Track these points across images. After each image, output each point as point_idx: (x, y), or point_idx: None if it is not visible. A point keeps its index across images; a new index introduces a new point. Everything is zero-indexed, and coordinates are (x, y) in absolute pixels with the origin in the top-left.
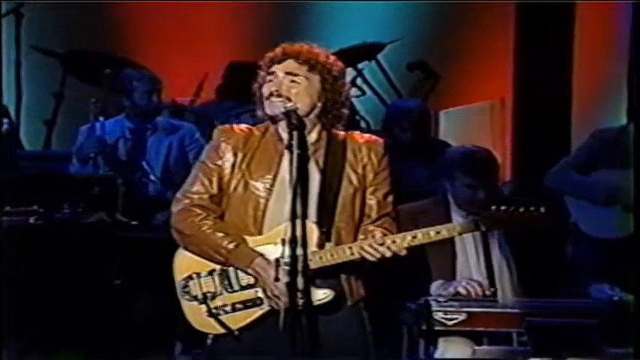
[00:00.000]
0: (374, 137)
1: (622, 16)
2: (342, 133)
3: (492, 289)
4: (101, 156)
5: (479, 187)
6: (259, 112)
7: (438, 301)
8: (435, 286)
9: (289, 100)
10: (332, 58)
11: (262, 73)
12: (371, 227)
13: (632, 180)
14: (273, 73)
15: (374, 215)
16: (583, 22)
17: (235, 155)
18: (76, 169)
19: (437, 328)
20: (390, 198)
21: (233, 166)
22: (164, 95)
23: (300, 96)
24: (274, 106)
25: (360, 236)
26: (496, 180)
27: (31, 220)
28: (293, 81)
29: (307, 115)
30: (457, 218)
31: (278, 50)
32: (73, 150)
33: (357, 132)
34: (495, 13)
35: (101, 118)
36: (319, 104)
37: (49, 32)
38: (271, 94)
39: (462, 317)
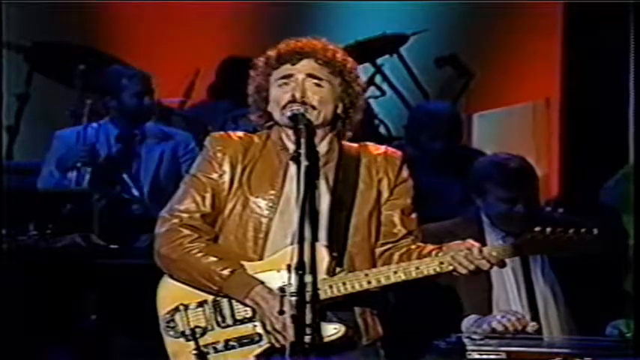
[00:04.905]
0: (390, 149)
1: None
2: (354, 145)
3: (535, 325)
4: (88, 167)
5: (517, 200)
6: (254, 117)
7: (472, 339)
8: (467, 322)
9: (314, 108)
10: (346, 54)
11: (261, 73)
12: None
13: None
14: (290, 75)
15: (398, 231)
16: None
17: (233, 168)
18: (56, 180)
19: None
20: (413, 215)
21: (231, 180)
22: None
23: (325, 103)
24: None
25: (380, 262)
26: (535, 192)
27: None
28: (317, 85)
29: (329, 124)
30: (492, 240)
31: (286, 47)
32: (49, 158)
33: (371, 143)
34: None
35: (95, 124)
36: (339, 110)
37: (13, 22)
38: (294, 101)
39: (500, 357)
